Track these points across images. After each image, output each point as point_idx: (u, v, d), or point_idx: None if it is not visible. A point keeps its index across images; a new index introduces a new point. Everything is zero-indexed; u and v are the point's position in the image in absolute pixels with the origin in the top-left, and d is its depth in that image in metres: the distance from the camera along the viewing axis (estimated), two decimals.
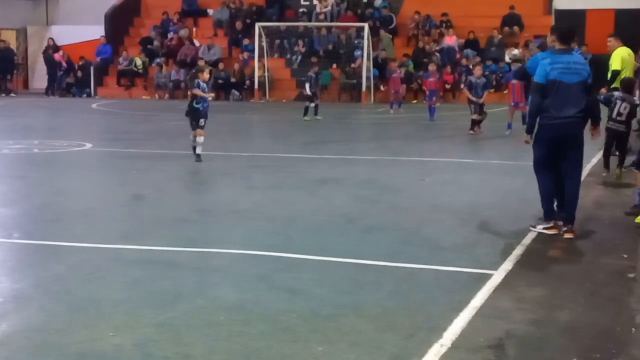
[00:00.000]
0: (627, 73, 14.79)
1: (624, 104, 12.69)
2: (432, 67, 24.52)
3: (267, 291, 6.70)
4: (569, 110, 8.47)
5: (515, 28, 32.41)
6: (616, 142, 12.98)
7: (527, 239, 8.49)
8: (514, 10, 32.44)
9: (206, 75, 14.51)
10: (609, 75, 15.09)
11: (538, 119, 8.68)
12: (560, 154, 8.65)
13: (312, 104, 23.20)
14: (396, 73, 26.44)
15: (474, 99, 19.75)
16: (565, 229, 8.65)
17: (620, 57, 15.04)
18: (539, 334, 5.77)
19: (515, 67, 20.31)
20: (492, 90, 30.42)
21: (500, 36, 32.14)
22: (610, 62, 15.21)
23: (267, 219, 9.66)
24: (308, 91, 23.44)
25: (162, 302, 6.35)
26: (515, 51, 31.00)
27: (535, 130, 8.79)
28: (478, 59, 30.12)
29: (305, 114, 23.11)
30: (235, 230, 9.12)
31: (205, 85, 14.38)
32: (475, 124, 19.60)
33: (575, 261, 7.97)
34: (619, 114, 12.71)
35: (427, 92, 24.38)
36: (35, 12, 38.64)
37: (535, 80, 8.64)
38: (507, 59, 31.34)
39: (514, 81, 18.67)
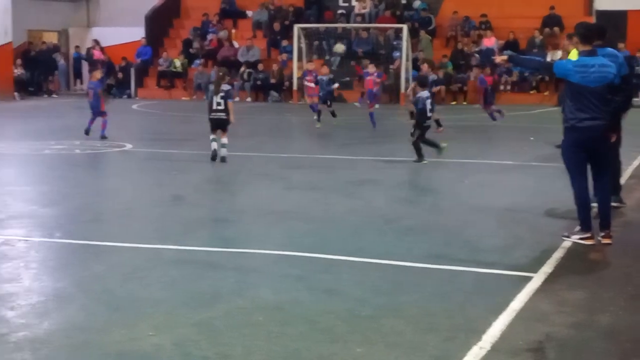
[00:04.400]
0: None
1: None
2: (371, 69, 22.41)
3: (305, 292, 6.71)
4: (593, 114, 8.26)
5: (556, 29, 32.12)
6: None
7: (568, 242, 8.41)
8: (554, 11, 32.17)
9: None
10: None
11: (563, 124, 8.54)
12: (589, 159, 8.51)
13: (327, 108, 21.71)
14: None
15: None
16: (602, 234, 8.50)
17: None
18: (579, 337, 5.72)
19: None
20: (532, 92, 30.45)
21: (541, 37, 31.86)
22: None
23: (306, 219, 9.67)
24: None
25: (200, 302, 6.38)
26: (559, 53, 30.73)
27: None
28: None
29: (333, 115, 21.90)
30: (274, 230, 9.13)
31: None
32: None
33: (616, 264, 7.89)
34: None
35: (366, 94, 22.48)
36: (76, 14, 39.01)
37: (554, 64, 8.75)
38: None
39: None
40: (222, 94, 14.36)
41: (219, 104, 14.37)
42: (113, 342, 5.51)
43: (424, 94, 14.66)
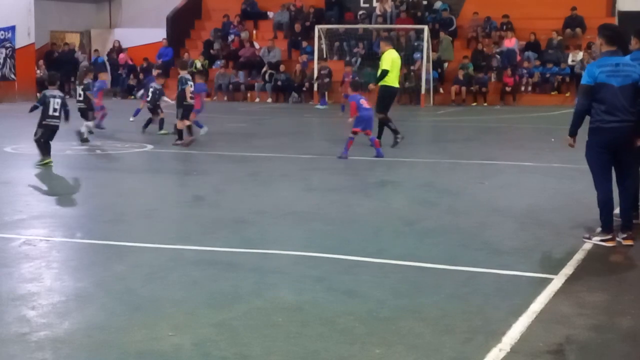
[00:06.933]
0: (394, 72, 17.02)
1: None
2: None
3: (325, 293, 6.71)
4: (619, 115, 8.19)
5: (578, 30, 31.99)
6: None
7: (588, 244, 8.37)
8: (576, 12, 32.04)
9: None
10: (379, 73, 17.12)
11: (589, 124, 8.45)
12: (613, 159, 8.44)
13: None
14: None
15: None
16: (624, 236, 8.45)
17: (390, 59, 16.91)
18: (600, 340, 5.69)
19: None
20: (554, 93, 30.35)
21: (559, 38, 31.72)
22: (381, 62, 17.13)
23: (326, 221, 9.67)
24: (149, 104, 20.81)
25: (220, 303, 6.40)
26: (580, 54, 30.64)
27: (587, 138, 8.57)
28: None
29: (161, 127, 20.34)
30: (294, 231, 9.15)
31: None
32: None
33: (637, 266, 7.85)
34: None
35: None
36: (98, 15, 39.24)
37: (582, 83, 8.41)
38: (570, 61, 31.01)
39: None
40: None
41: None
42: (133, 341, 5.53)
43: (54, 92, 14.34)
